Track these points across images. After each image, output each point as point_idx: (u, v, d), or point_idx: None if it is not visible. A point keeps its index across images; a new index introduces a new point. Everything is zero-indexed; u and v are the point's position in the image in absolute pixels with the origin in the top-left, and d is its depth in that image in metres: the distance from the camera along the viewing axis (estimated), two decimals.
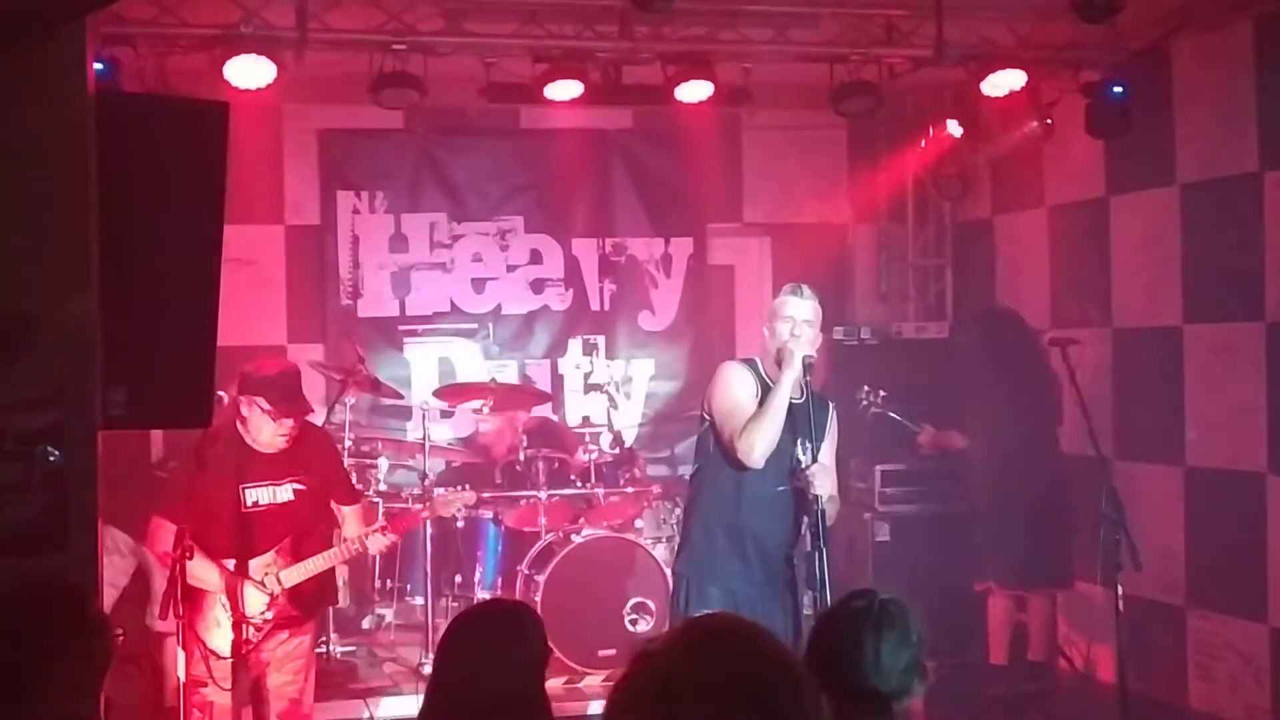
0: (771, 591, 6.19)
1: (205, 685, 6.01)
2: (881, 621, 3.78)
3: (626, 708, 2.00)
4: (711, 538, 6.19)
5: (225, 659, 6.08)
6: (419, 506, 7.40)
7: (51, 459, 4.65)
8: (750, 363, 6.27)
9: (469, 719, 3.72)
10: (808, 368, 5.94)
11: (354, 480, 7.62)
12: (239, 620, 6.10)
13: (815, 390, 6.06)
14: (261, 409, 6.12)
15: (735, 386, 6.10)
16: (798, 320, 6.03)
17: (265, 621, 6.19)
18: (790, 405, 5.98)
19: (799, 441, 5.98)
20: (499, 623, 4.00)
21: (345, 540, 6.53)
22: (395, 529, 6.71)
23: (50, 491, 4.64)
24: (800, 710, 1.99)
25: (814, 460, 5.90)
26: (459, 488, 7.27)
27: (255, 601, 6.14)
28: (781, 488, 6.05)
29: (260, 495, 6.22)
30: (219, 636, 6.12)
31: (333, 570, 6.54)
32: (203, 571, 5.97)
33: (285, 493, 6.26)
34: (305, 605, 6.38)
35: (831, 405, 6.31)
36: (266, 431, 6.17)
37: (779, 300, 6.21)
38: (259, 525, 6.20)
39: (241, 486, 6.18)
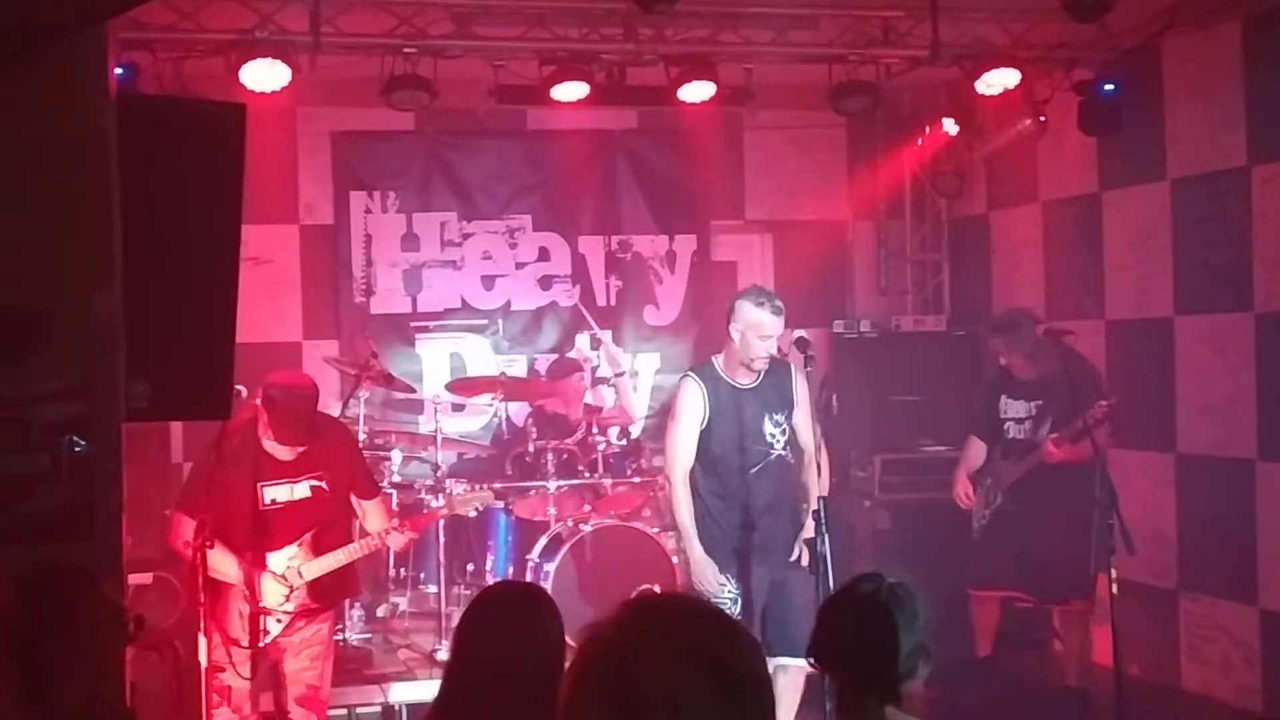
0: (764, 571, 6.51)
1: (224, 670, 6.13)
2: (890, 605, 3.78)
3: (583, 682, 2.03)
4: (708, 528, 6.72)
5: (246, 648, 6.20)
6: (438, 504, 7.41)
7: (77, 449, 4.79)
8: (705, 371, 6.81)
9: (492, 699, 3.66)
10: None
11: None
12: (255, 612, 6.21)
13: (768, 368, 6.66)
14: (268, 431, 6.22)
15: (683, 415, 6.77)
16: (775, 337, 6.60)
17: (287, 613, 6.29)
18: (743, 390, 6.66)
19: (768, 416, 6.56)
20: (520, 603, 3.93)
21: (366, 537, 6.59)
22: (414, 527, 6.77)
23: (76, 481, 4.77)
24: (747, 659, 2.04)
25: (788, 424, 6.65)
26: (478, 486, 7.36)
27: (275, 593, 6.25)
28: (756, 470, 6.57)
29: (278, 493, 6.28)
30: (239, 626, 6.23)
31: (353, 563, 6.58)
32: (223, 564, 6.07)
33: (303, 489, 6.31)
34: (325, 597, 6.48)
35: (790, 366, 6.83)
36: (279, 448, 6.26)
37: (756, 314, 6.58)
38: (277, 522, 6.28)
39: (260, 485, 6.24)
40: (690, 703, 1.95)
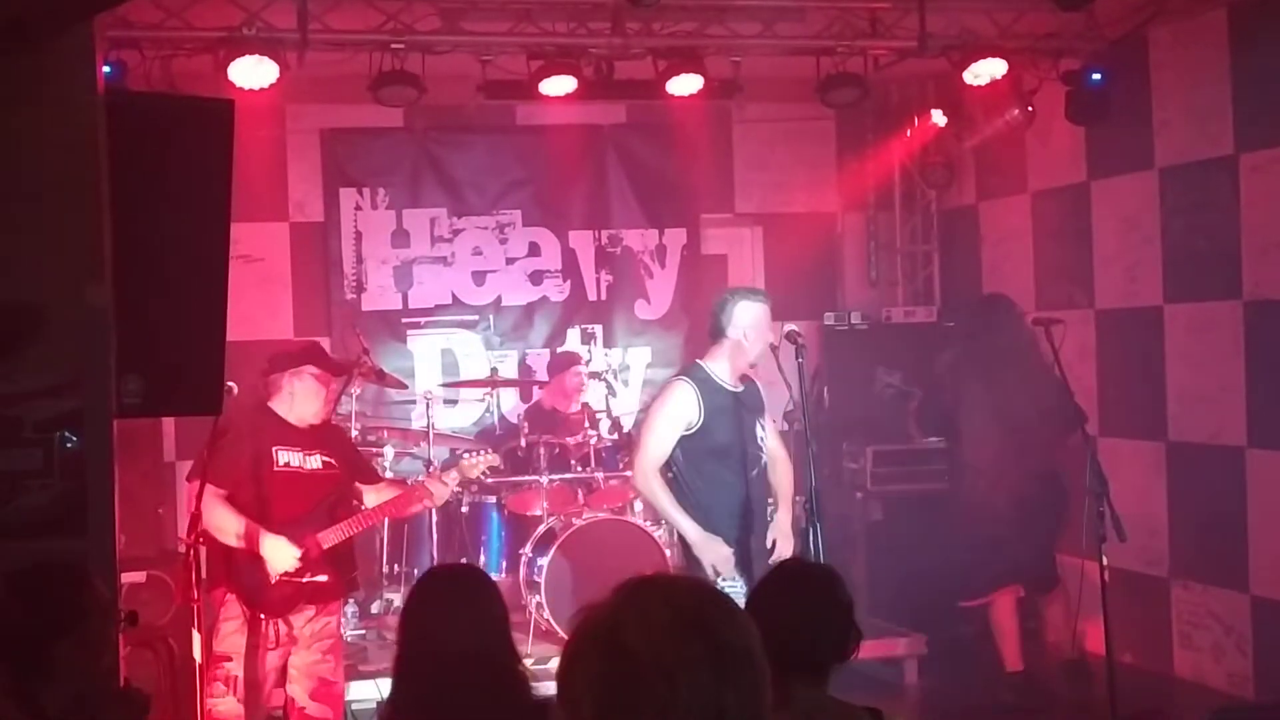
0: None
1: (230, 660, 6.20)
2: (813, 589, 3.79)
3: (578, 657, 2.03)
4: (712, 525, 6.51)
5: (264, 616, 6.30)
6: (450, 475, 7.28)
7: (69, 445, 4.82)
8: (697, 375, 6.52)
9: (447, 673, 3.70)
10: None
11: None
12: (263, 581, 6.27)
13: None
14: (313, 374, 6.42)
15: (668, 413, 6.49)
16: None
17: (306, 581, 6.33)
18: (738, 394, 6.47)
19: (757, 421, 6.53)
20: (458, 582, 4.02)
21: (387, 497, 6.76)
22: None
23: (69, 476, 4.81)
24: (742, 633, 2.03)
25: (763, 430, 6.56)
26: (483, 451, 7.38)
27: (287, 558, 6.25)
28: (755, 472, 6.46)
29: (291, 458, 6.41)
30: (260, 598, 6.31)
31: (354, 551, 6.70)
32: (224, 522, 6.15)
33: (315, 462, 6.46)
34: (337, 567, 6.50)
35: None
36: (314, 402, 6.46)
37: (760, 311, 6.46)
38: (288, 487, 6.37)
39: (274, 448, 6.37)
40: (686, 673, 1.95)
